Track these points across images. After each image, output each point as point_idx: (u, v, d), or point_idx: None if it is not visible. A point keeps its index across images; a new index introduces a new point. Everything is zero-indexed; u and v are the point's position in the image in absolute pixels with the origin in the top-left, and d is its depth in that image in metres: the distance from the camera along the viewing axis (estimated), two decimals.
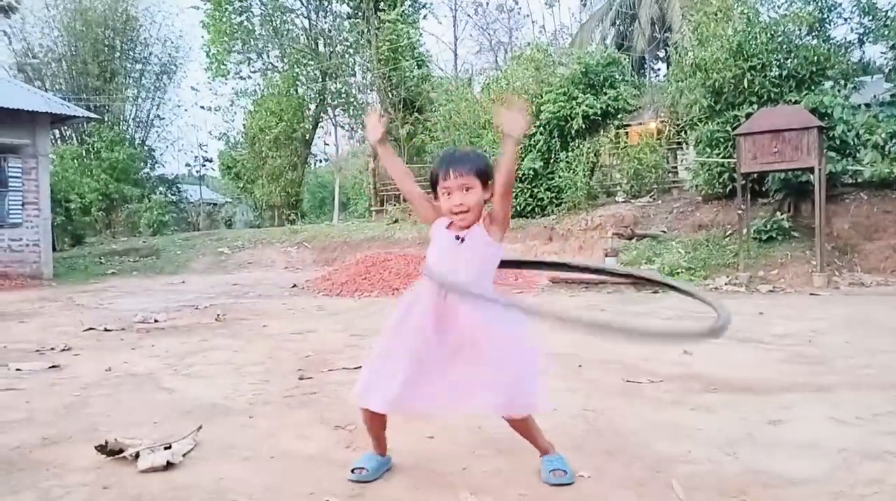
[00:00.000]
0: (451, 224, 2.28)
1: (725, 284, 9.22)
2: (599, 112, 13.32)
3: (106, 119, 26.03)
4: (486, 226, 2.25)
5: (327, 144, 32.57)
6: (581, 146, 13.37)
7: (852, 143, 10.32)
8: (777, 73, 11.15)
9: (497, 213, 2.24)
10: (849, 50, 11.53)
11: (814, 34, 11.34)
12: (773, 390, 3.50)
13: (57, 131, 25.92)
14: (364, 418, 2.34)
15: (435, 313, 2.20)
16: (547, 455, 2.34)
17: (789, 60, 11.07)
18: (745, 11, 11.77)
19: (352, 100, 26.59)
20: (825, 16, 11.25)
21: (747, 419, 2.96)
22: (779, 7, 11.60)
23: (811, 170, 9.35)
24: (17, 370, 4.40)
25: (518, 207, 14.11)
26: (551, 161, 13.81)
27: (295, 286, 11.40)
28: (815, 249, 9.32)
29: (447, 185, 2.22)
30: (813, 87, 10.74)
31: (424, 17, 26.03)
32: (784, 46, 11.06)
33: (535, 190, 13.93)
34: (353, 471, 2.31)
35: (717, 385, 3.64)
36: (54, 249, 16.33)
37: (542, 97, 13.78)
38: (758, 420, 2.94)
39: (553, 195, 13.75)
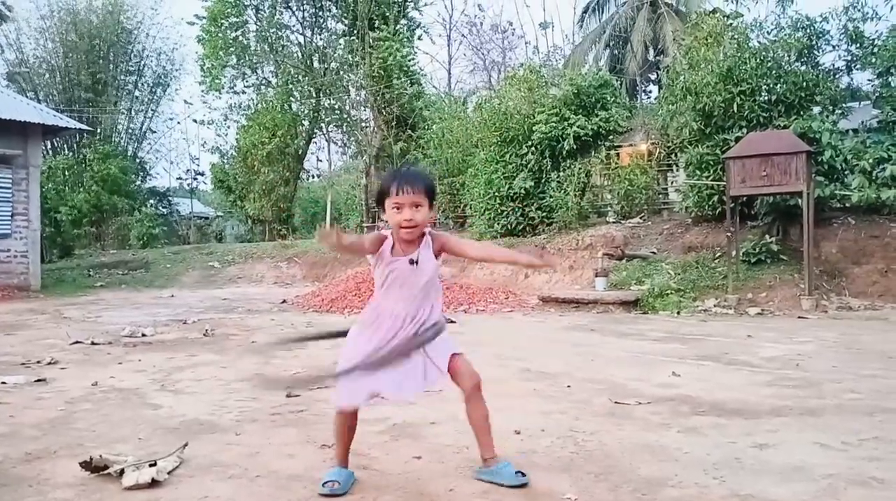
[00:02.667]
0: (394, 246, 2.41)
1: (714, 306, 9.26)
2: (591, 133, 13.42)
3: (98, 131, 25.97)
4: (434, 248, 2.43)
5: (320, 160, 32.63)
6: (572, 166, 13.45)
7: (840, 168, 10.43)
8: (766, 98, 11.27)
9: (448, 250, 2.47)
10: (837, 76, 11.68)
11: (802, 60, 11.48)
12: (761, 413, 3.51)
13: (49, 142, 25.85)
14: (338, 426, 2.47)
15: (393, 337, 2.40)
16: (497, 460, 2.47)
17: (778, 85, 11.19)
18: (736, 37, 11.91)
19: (345, 116, 26.66)
20: (813, 42, 11.40)
21: (735, 442, 2.97)
22: (768, 33, 11.74)
23: (799, 194, 9.43)
24: (2, 383, 4.36)
25: (509, 226, 14.15)
26: (542, 181, 13.87)
27: (284, 302, 11.37)
28: (803, 272, 9.38)
29: (399, 201, 2.35)
30: (801, 113, 10.87)
31: (419, 37, 26.22)
32: (773, 72, 11.19)
33: (526, 209, 13.98)
34: (324, 485, 2.35)
35: (706, 407, 3.64)
36: (43, 261, 16.21)
37: (534, 117, 13.87)
38: (745, 443, 2.95)
39: (544, 214, 13.80)
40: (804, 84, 10.89)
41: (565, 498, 2.29)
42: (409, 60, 23.61)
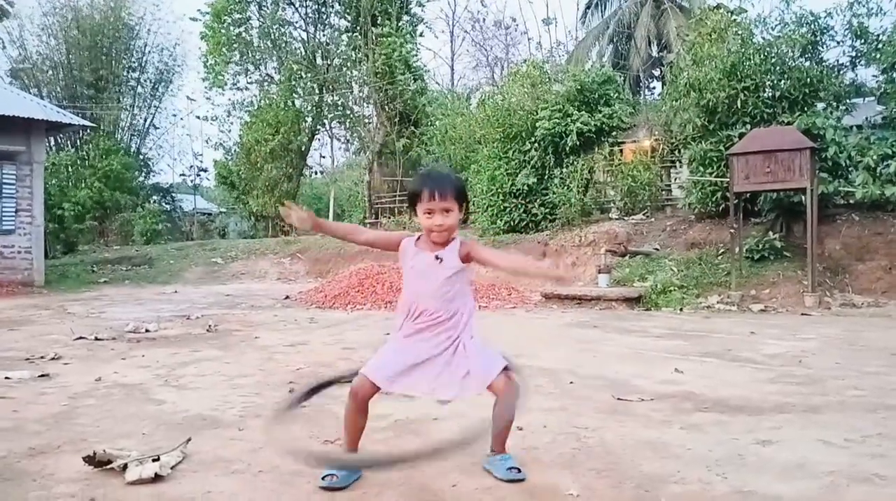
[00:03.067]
0: (419, 240, 2.46)
1: (717, 302, 9.24)
2: (594, 129, 13.41)
3: (101, 127, 25.99)
4: (461, 253, 2.43)
5: (323, 156, 32.69)
6: (575, 163, 13.44)
7: (844, 165, 10.41)
8: (770, 94, 11.24)
9: (475, 257, 2.45)
10: (841, 72, 11.64)
11: (807, 56, 11.44)
12: (764, 410, 3.50)
13: (52, 139, 25.88)
14: (348, 413, 2.46)
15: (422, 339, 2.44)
16: (503, 453, 2.52)
17: (782, 82, 11.17)
18: (740, 33, 11.88)
19: (348, 112, 26.67)
20: (818, 38, 11.36)
21: (737, 439, 2.96)
22: (772, 29, 11.70)
23: (803, 190, 9.41)
24: (6, 378, 4.37)
25: (512, 222, 14.14)
26: (545, 177, 13.86)
27: (287, 297, 11.38)
28: (806, 269, 9.36)
29: (430, 207, 2.38)
30: (806, 109, 10.84)
31: (421, 34, 26.18)
32: (777, 68, 11.15)
33: (529, 205, 13.98)
34: (323, 478, 2.36)
35: (708, 404, 3.64)
36: (46, 257, 16.25)
37: (537, 113, 13.85)
38: (748, 440, 2.95)
39: (547, 211, 13.79)
40: (808, 80, 10.86)
41: (567, 494, 2.30)
42: (413, 56, 23.60)
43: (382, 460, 2.49)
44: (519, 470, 2.44)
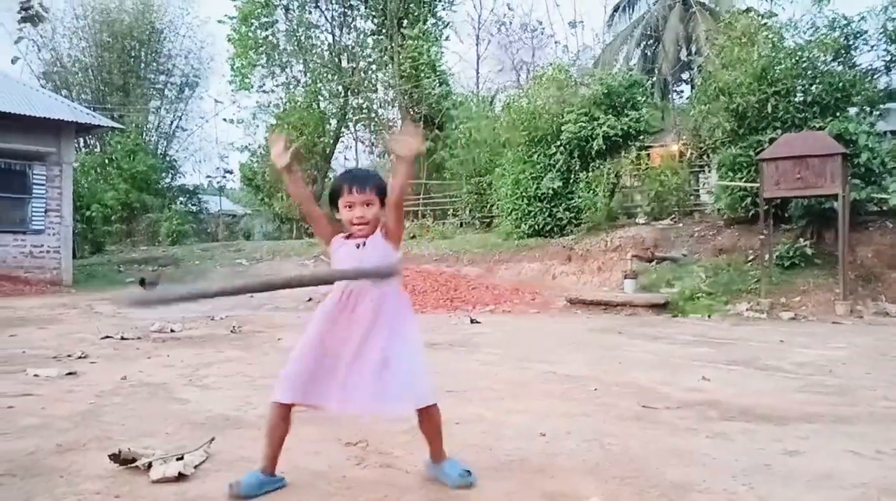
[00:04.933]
0: (349, 236, 2.46)
1: (746, 310, 9.11)
2: (621, 133, 13.29)
3: (128, 129, 26.40)
4: (383, 234, 2.44)
5: (347, 159, 32.81)
6: (601, 167, 13.34)
7: (877, 171, 10.21)
8: (801, 99, 11.08)
9: (390, 226, 2.43)
10: (875, 77, 11.44)
11: (839, 60, 11.26)
12: (792, 420, 3.43)
13: (81, 140, 26.31)
14: (269, 420, 2.41)
15: (339, 308, 2.40)
16: (446, 459, 2.48)
17: (814, 86, 11.00)
18: (770, 36, 11.72)
19: (373, 115, 26.78)
20: (851, 42, 11.17)
21: (764, 449, 2.90)
22: (804, 33, 11.54)
23: (835, 197, 9.26)
24: (35, 376, 4.44)
25: (536, 226, 14.08)
26: (571, 181, 13.78)
27: (311, 299, 11.43)
28: (838, 277, 9.20)
29: (350, 200, 2.41)
30: (838, 114, 10.66)
31: (447, 38, 26.22)
32: (809, 72, 10.99)
33: (554, 209, 13.90)
34: (230, 485, 2.32)
35: (735, 413, 3.58)
36: (75, 257, 16.53)
37: (562, 117, 13.78)
38: (775, 450, 2.89)
39: (572, 215, 13.71)
40: (840, 85, 10.69)
41: None
42: (438, 60, 23.63)
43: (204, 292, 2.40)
44: (469, 473, 2.43)
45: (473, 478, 2.42)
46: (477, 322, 8.44)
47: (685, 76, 26.55)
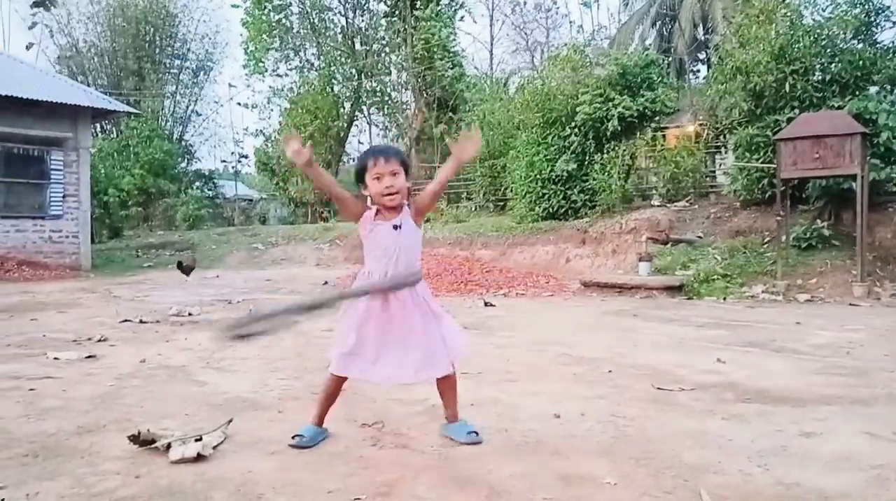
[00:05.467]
0: (378, 212, 2.63)
1: (762, 292, 9.05)
2: (636, 114, 13.16)
3: (145, 114, 26.54)
4: (412, 214, 2.65)
5: (361, 142, 32.81)
6: (616, 148, 13.23)
7: None
8: (820, 78, 10.90)
9: (422, 207, 2.70)
10: None
11: (860, 38, 11.05)
12: (808, 401, 3.42)
13: (97, 125, 26.48)
14: (327, 388, 2.73)
15: (382, 306, 2.62)
16: (457, 421, 2.75)
17: (833, 64, 10.81)
18: (788, 14, 11.52)
19: (387, 98, 26.71)
20: (872, 19, 10.95)
21: (781, 430, 2.90)
22: (823, 10, 11.33)
23: (853, 177, 9.13)
24: (55, 359, 4.51)
25: (550, 209, 14.02)
26: (585, 163, 13.68)
27: (326, 283, 11.50)
28: (855, 258, 9.10)
29: (378, 171, 2.55)
30: (857, 93, 10.48)
31: (461, 18, 26.02)
32: (828, 50, 10.80)
33: (569, 192, 13.83)
34: (293, 438, 2.64)
35: (751, 394, 3.57)
36: (93, 241, 16.70)
37: (577, 98, 13.67)
38: (791, 432, 2.88)
39: (587, 197, 13.63)
40: (861, 63, 10.50)
41: (604, 483, 2.27)
42: (451, 41, 23.48)
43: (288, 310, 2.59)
44: (477, 434, 2.65)
45: (480, 438, 2.64)
46: (491, 305, 8.45)
47: (701, 55, 26.21)
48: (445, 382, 2.72)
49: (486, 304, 8.48)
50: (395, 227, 2.59)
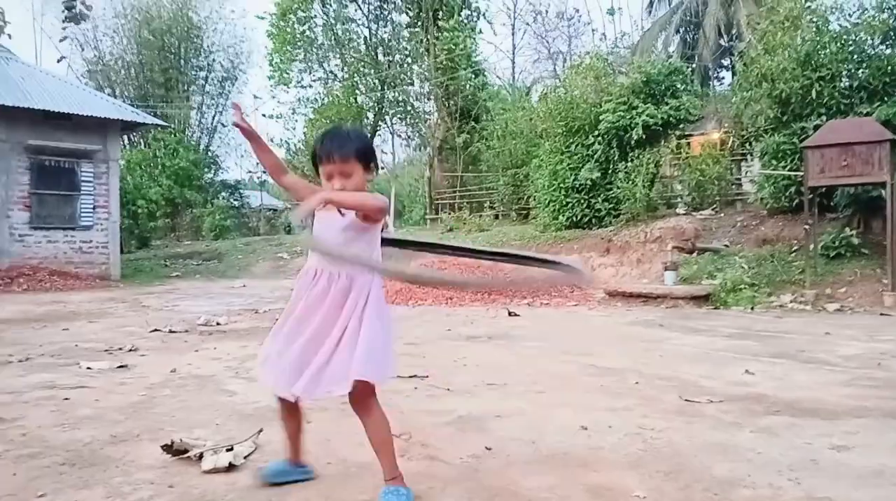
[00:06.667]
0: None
1: (790, 302, 8.93)
2: (660, 122, 13.10)
3: (172, 125, 26.96)
4: (361, 218, 2.20)
5: (384, 152, 33.01)
6: (641, 156, 13.17)
7: None
8: (847, 84, 10.77)
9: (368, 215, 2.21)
10: None
11: (888, 43, 10.91)
12: (839, 414, 3.38)
13: (126, 137, 26.95)
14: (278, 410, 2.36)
15: (308, 285, 2.21)
16: (392, 484, 2.19)
17: (860, 71, 10.68)
18: (815, 20, 11.42)
19: (409, 108, 26.85)
20: None
21: (810, 443, 2.87)
22: (850, 15, 11.21)
23: (883, 185, 9.00)
24: (88, 368, 4.60)
25: (574, 218, 13.98)
26: (609, 171, 13.64)
27: None
28: (886, 267, 8.95)
29: (328, 171, 2.17)
30: (886, 99, 10.33)
31: (480, 31, 26.11)
32: (855, 56, 10.68)
33: (593, 200, 13.78)
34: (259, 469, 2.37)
35: (780, 407, 3.53)
36: (122, 251, 16.98)
37: (600, 106, 13.64)
38: (821, 445, 2.85)
39: (611, 206, 13.58)
40: (889, 69, 10.35)
41: (634, 496, 2.27)
42: (473, 51, 23.56)
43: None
44: None
45: None
46: (515, 314, 8.44)
47: (726, 62, 26.02)
48: (358, 408, 2.27)
49: (510, 314, 8.48)
50: (341, 212, 2.17)
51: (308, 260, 2.30)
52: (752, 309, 8.80)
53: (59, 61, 28.79)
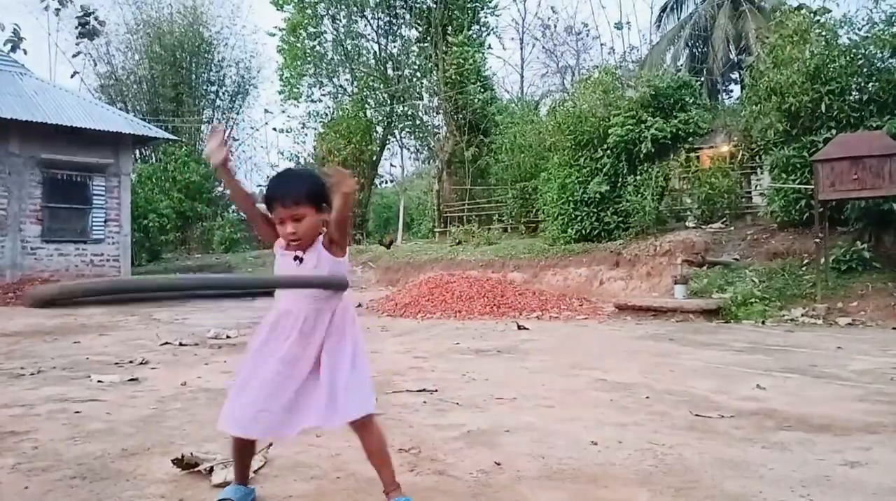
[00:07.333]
0: (289, 245, 2.29)
1: (801, 315, 8.88)
2: (669, 135, 13.09)
3: (183, 140, 27.17)
4: (326, 244, 2.27)
5: (393, 166, 33.17)
6: (650, 170, 13.16)
7: None
8: (857, 98, 10.75)
9: (334, 239, 2.26)
10: None
11: None
12: (852, 430, 3.35)
13: (137, 151, 27.18)
14: (231, 443, 2.35)
15: (275, 331, 2.31)
16: (395, 495, 2.25)
17: (870, 84, 10.66)
18: (824, 34, 11.41)
19: (418, 122, 26.98)
20: None
21: (823, 459, 2.85)
22: (859, 29, 11.19)
23: (894, 198, 8.96)
24: (99, 382, 4.62)
25: (583, 231, 13.96)
26: (618, 185, 13.63)
27: (360, 305, 11.57)
28: None
29: (280, 216, 2.22)
30: None
31: (489, 46, 26.23)
32: (865, 69, 10.66)
33: (602, 214, 13.77)
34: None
35: (792, 422, 3.51)
36: (133, 265, 17.07)
37: (609, 120, 13.66)
38: (834, 461, 2.82)
39: (620, 219, 13.56)
40: None
41: None
42: (482, 65, 23.68)
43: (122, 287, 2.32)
44: None
45: None
46: (525, 328, 8.43)
47: (735, 76, 26.02)
48: (362, 430, 2.30)
49: (519, 327, 8.46)
50: (296, 259, 2.29)
51: (281, 303, 2.38)
52: (763, 323, 8.75)
53: (72, 76, 29.16)
